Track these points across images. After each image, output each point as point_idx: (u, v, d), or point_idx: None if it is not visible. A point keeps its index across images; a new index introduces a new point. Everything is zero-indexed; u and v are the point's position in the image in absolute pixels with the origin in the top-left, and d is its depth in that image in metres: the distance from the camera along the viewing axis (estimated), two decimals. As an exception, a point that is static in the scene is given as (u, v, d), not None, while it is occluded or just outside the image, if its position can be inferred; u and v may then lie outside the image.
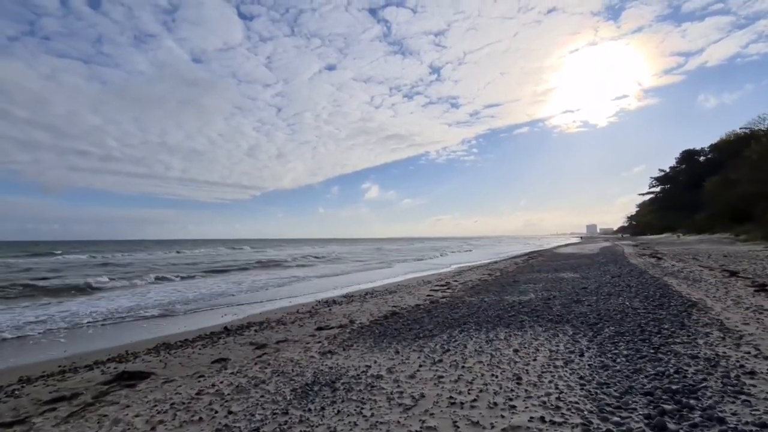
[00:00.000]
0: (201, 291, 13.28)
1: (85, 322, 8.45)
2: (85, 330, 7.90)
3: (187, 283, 16.40)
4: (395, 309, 7.89)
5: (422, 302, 8.60)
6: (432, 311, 7.28)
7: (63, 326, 8.10)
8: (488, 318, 6.16)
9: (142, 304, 10.60)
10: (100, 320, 8.65)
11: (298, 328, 6.51)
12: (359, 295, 10.54)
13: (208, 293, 12.70)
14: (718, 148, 56.20)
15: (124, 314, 9.25)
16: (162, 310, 9.76)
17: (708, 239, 28.73)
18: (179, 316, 9.22)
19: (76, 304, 10.94)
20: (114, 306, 10.41)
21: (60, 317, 8.96)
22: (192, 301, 11.12)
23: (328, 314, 7.71)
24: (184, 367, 4.65)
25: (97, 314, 9.26)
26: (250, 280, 16.89)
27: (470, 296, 9.00)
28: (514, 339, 4.75)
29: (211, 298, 11.79)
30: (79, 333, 7.65)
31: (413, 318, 6.67)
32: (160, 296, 12.11)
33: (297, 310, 8.72)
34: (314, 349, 5.06)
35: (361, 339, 5.42)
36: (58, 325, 8.17)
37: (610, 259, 16.96)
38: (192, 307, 10.23)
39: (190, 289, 13.71)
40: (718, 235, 31.35)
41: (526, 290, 9.32)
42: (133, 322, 8.57)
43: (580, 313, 5.87)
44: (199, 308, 10.05)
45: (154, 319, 8.80)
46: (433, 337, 5.19)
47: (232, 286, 14.40)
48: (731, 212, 39.25)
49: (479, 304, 7.60)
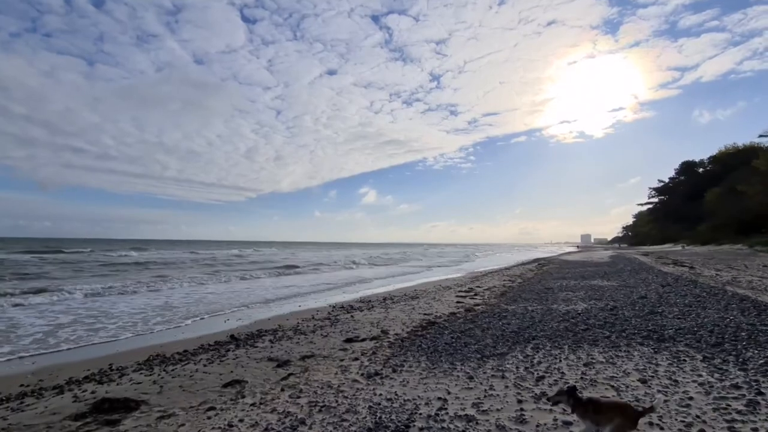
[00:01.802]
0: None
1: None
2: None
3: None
4: (429, 318, 6.78)
5: (456, 310, 7.49)
6: (476, 321, 6.17)
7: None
8: (557, 331, 5.08)
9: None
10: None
11: (322, 339, 5.36)
12: (378, 300, 9.39)
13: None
14: (719, 159, 56.18)
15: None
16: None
17: (719, 250, 28.04)
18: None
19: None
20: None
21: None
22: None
23: (352, 322, 6.57)
24: (186, 392, 3.48)
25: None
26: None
27: (507, 304, 7.92)
28: (621, 362, 3.66)
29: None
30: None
31: (459, 329, 5.56)
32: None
33: (312, 315, 7.55)
34: (354, 370, 3.92)
35: (410, 356, 4.30)
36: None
37: (633, 267, 16.02)
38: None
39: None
40: (728, 246, 30.69)
41: (570, 298, 8.27)
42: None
43: (679, 329, 4.79)
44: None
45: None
46: (504, 356, 4.09)
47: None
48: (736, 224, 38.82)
49: (528, 314, 6.52)
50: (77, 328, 7.07)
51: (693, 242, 42.57)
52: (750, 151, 47.71)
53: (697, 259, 19.17)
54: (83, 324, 7.37)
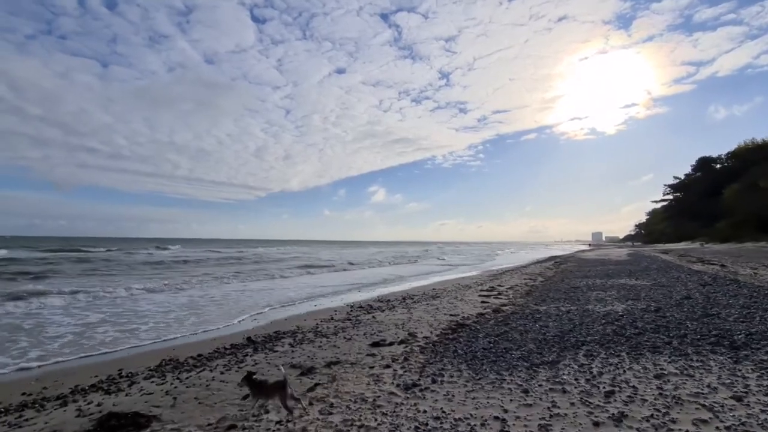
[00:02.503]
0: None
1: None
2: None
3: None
4: (456, 319, 6.33)
5: (483, 310, 7.03)
6: (509, 323, 5.71)
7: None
8: (605, 336, 4.59)
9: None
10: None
11: (346, 343, 4.94)
12: (397, 300, 8.96)
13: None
14: (737, 155, 54.39)
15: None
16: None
17: (742, 248, 27.00)
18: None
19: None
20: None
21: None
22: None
23: (375, 323, 6.15)
24: (203, 405, 3.09)
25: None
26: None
27: (537, 304, 7.44)
28: (699, 374, 3.17)
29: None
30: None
31: (494, 332, 5.10)
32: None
33: (331, 316, 7.15)
34: (388, 380, 3.50)
35: (447, 363, 3.86)
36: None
37: (659, 265, 15.34)
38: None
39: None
40: (750, 243, 29.59)
41: (603, 298, 7.74)
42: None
43: (750, 334, 4.26)
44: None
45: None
46: (556, 365, 3.63)
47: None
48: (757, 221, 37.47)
49: (565, 316, 6.04)
50: (108, 328, 6.76)
51: (712, 240, 41.25)
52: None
53: (724, 257, 18.35)
54: (114, 324, 7.08)
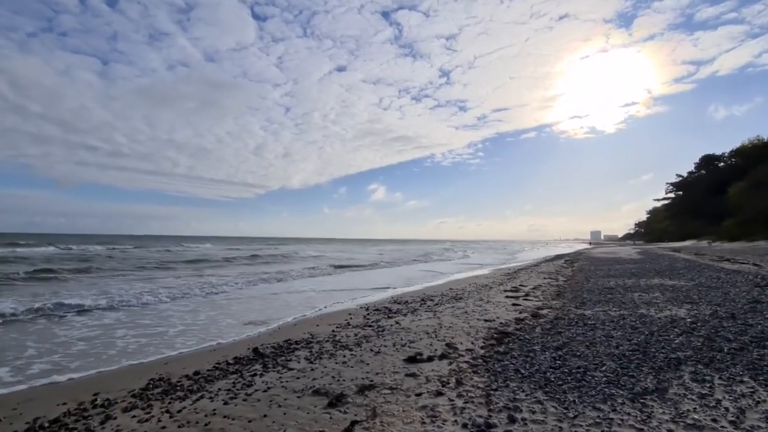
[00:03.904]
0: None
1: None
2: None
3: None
4: (494, 325, 5.47)
5: (519, 315, 6.18)
6: (561, 331, 4.85)
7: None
8: (696, 350, 3.74)
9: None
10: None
11: (375, 358, 4.07)
12: (415, 301, 8.09)
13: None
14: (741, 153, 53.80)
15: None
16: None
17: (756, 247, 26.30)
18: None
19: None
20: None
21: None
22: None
23: (402, 331, 5.27)
24: (200, 457, 2.21)
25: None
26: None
27: (578, 308, 6.60)
28: None
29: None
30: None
31: (551, 344, 4.24)
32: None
33: (347, 321, 6.25)
34: (446, 414, 2.63)
35: (516, 389, 2.99)
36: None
37: (685, 264, 14.56)
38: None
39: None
40: (763, 242, 28.94)
41: (651, 301, 6.91)
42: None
43: None
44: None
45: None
46: (664, 394, 2.78)
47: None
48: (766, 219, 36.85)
49: (622, 322, 5.20)
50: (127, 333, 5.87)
51: (719, 238, 40.64)
52: (776, 142, 45.56)
53: (746, 255, 17.61)
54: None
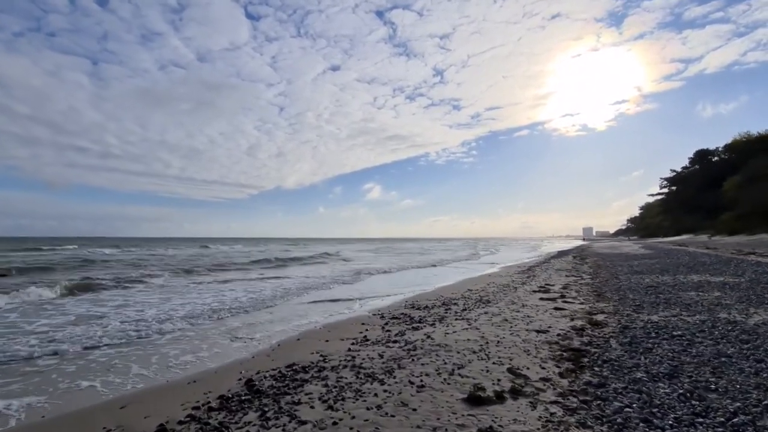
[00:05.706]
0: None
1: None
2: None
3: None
4: (551, 338, 4.35)
5: (572, 322, 5.07)
6: (651, 348, 3.75)
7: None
8: None
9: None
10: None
11: (420, 396, 2.88)
12: (436, 306, 6.92)
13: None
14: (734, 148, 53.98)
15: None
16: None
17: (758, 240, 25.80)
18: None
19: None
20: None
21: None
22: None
23: (439, 348, 4.10)
24: None
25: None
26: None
27: (636, 312, 5.54)
28: None
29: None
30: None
31: (656, 369, 3.13)
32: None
33: (364, 335, 5.02)
34: None
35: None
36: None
37: (712, 260, 13.70)
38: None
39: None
40: (765, 235, 28.52)
41: (717, 302, 5.88)
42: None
43: None
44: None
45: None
46: None
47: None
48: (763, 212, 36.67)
49: (712, 331, 4.12)
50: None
51: (718, 232, 40.46)
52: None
53: (759, 249, 16.90)
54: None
